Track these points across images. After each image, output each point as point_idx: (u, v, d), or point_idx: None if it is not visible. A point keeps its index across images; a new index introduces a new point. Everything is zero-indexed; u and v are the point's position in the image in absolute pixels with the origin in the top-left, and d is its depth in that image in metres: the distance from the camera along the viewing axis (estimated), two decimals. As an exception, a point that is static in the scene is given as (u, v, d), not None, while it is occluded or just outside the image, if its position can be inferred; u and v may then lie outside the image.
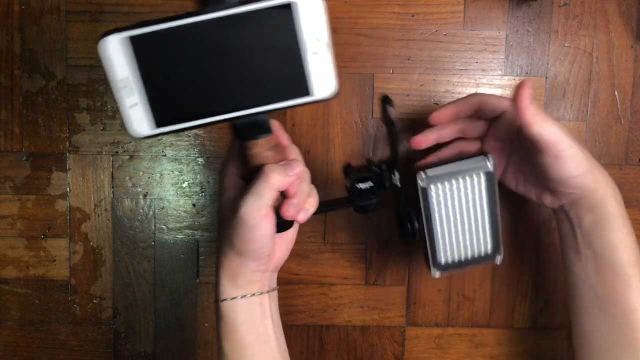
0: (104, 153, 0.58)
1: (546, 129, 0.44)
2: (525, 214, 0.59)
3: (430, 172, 0.46)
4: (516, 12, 0.57)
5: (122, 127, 0.37)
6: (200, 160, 0.58)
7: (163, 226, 0.59)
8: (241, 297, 0.42)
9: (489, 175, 0.46)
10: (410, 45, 0.57)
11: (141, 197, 0.58)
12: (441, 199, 0.46)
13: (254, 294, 0.43)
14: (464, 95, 0.57)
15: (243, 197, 0.39)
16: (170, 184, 0.58)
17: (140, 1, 0.56)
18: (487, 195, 0.46)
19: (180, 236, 0.59)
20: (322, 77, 0.36)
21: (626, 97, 0.58)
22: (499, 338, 0.60)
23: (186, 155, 0.58)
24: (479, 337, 0.60)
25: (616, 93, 0.58)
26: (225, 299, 0.43)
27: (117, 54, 0.34)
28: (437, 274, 0.48)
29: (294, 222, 0.43)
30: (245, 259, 0.42)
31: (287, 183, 0.39)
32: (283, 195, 0.41)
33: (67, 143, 0.58)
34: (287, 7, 0.34)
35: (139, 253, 0.59)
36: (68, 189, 0.58)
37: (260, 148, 0.39)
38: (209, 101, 0.36)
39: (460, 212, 0.47)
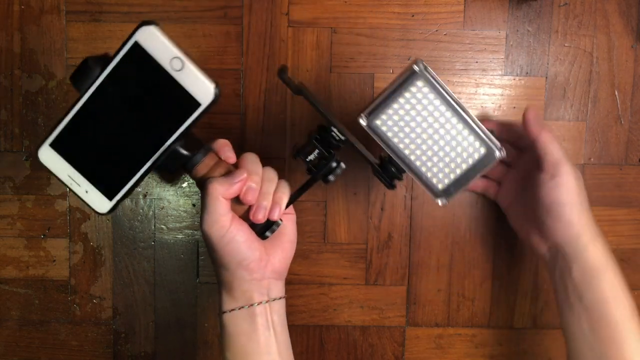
0: (103, 153, 0.58)
1: (552, 146, 0.46)
2: (525, 214, 0.59)
3: (367, 110, 0.42)
4: (516, 12, 0.57)
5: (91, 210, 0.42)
6: (200, 160, 0.58)
7: (163, 226, 0.59)
8: (239, 309, 0.43)
9: (424, 78, 0.41)
10: (410, 45, 0.57)
11: (141, 197, 0.58)
12: (395, 128, 0.42)
13: (252, 305, 0.43)
14: (463, 95, 0.57)
15: (200, 217, 0.41)
16: (170, 184, 0.58)
17: (139, 1, 0.56)
18: (439, 99, 0.41)
19: (180, 236, 0.59)
20: (199, 86, 0.38)
21: (626, 97, 0.58)
22: (499, 338, 0.60)
23: (186, 155, 0.58)
24: (479, 337, 0.60)
25: (616, 93, 0.58)
26: (225, 312, 0.43)
27: (51, 161, 0.41)
28: (442, 201, 0.44)
29: (279, 223, 0.44)
30: (233, 271, 0.42)
31: (233, 191, 0.41)
32: (238, 201, 0.42)
33: (67, 143, 0.58)
34: (136, 47, 0.37)
35: (138, 253, 0.59)
36: (68, 189, 0.58)
37: (201, 172, 0.42)
38: (130, 158, 0.41)
39: (425, 130, 0.42)
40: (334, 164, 0.43)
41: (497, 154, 0.43)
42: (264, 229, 0.44)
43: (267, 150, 0.58)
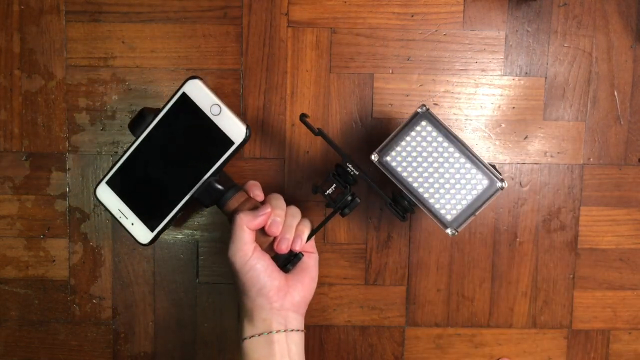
0: (103, 153, 0.58)
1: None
2: (525, 214, 0.59)
3: (378, 148, 0.47)
4: (515, 12, 0.57)
5: (134, 241, 0.49)
6: (200, 160, 0.58)
7: (162, 226, 0.59)
8: (258, 336, 0.45)
9: (428, 118, 0.46)
10: (410, 45, 0.57)
11: (141, 197, 0.58)
12: (404, 164, 0.47)
13: (270, 332, 0.45)
14: (463, 95, 0.57)
15: (228, 246, 0.46)
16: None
17: (139, 1, 0.56)
18: (441, 135, 0.46)
19: (179, 236, 0.59)
20: (233, 127, 0.45)
21: (625, 98, 0.58)
22: (498, 338, 0.60)
23: (186, 156, 0.58)
24: (478, 337, 0.60)
25: (615, 93, 0.58)
26: (245, 338, 0.46)
27: (106, 197, 0.49)
28: (452, 232, 0.47)
29: (299, 257, 0.49)
30: (254, 298, 0.45)
31: (257, 222, 0.45)
32: (263, 234, 0.47)
33: (67, 143, 0.58)
34: (184, 97, 0.45)
35: (138, 253, 0.59)
36: (67, 189, 0.58)
37: (232, 206, 0.47)
38: (172, 193, 0.47)
39: (431, 165, 0.47)
40: (350, 197, 0.48)
41: (499, 184, 0.46)
42: (286, 262, 0.48)
43: (267, 150, 0.58)
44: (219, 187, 0.46)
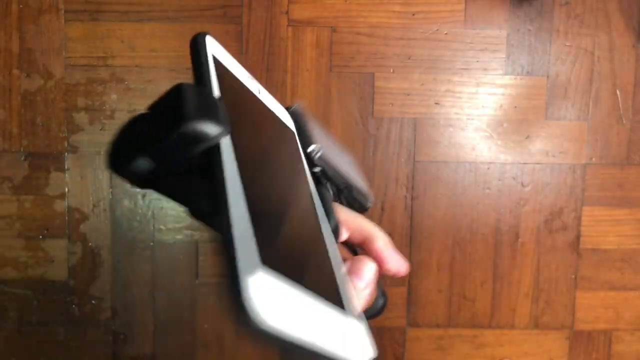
0: (102, 153, 0.57)
1: None
2: (526, 214, 0.59)
3: (314, 140, 0.31)
4: (517, 11, 0.57)
5: None
6: (200, 160, 0.58)
7: (162, 226, 0.58)
8: None
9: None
10: (411, 44, 0.56)
11: (140, 197, 0.58)
12: (325, 145, 0.37)
13: None
14: (464, 94, 0.57)
15: None
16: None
17: (138, 0, 0.56)
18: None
19: (179, 237, 0.59)
20: (279, 109, 0.27)
21: (628, 97, 0.57)
22: (499, 339, 0.60)
23: (185, 155, 0.58)
24: (480, 338, 0.60)
25: (618, 92, 0.57)
26: None
27: (273, 307, 0.16)
28: (371, 199, 0.41)
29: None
30: None
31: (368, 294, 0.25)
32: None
33: (66, 143, 0.57)
34: (217, 64, 0.20)
35: (137, 254, 0.59)
36: (66, 189, 0.58)
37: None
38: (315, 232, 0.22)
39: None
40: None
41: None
42: (380, 308, 0.32)
43: (267, 150, 0.57)
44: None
